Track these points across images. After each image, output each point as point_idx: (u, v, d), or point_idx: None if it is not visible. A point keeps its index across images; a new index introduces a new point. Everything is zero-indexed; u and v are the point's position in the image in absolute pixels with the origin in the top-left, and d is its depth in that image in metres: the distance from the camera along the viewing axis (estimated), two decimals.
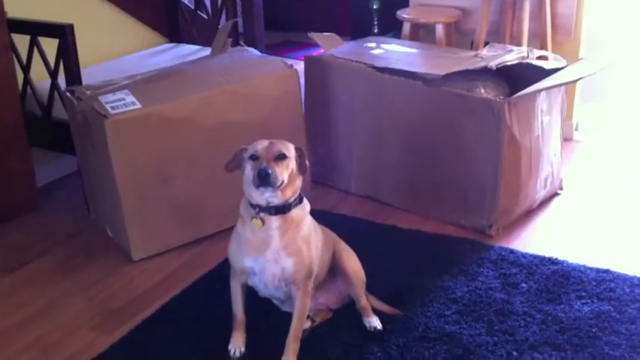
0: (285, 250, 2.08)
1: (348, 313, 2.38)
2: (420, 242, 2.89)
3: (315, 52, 3.39)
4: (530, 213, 3.10)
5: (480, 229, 2.94)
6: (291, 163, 2.05)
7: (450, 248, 2.84)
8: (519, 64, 2.99)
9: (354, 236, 2.60)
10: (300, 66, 3.26)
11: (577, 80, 2.89)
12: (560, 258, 2.74)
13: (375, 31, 4.37)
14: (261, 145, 2.04)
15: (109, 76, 3.28)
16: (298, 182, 2.10)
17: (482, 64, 2.91)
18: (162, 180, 2.77)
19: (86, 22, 3.71)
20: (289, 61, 3.09)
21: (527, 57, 3.01)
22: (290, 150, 2.07)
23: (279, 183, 1.99)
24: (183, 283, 2.66)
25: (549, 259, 2.73)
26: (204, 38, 4.07)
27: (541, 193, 3.13)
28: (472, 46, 3.79)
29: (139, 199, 2.75)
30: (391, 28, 4.08)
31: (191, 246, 2.90)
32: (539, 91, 2.80)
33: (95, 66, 3.62)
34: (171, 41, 4.14)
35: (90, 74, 3.30)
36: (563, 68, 2.98)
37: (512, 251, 2.80)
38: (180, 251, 2.88)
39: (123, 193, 2.71)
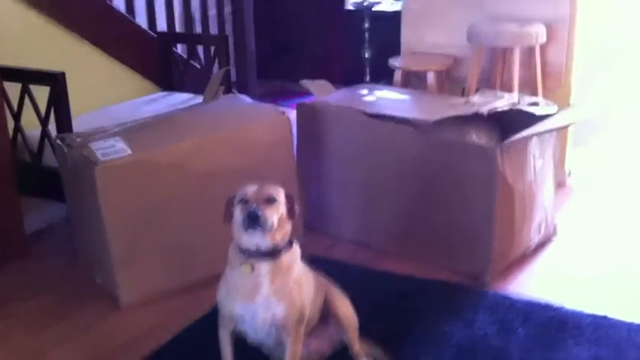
0: (276, 295, 2.03)
1: (341, 359, 2.33)
2: (414, 288, 2.84)
3: (307, 101, 3.38)
4: (525, 258, 3.07)
5: (474, 275, 2.90)
6: (281, 207, 2.03)
7: (444, 294, 2.79)
8: (510, 111, 3.00)
9: (348, 282, 2.53)
10: (292, 114, 3.27)
11: (568, 125, 2.90)
12: (557, 303, 2.69)
13: (367, 79, 4.41)
14: (251, 188, 2.02)
15: (101, 124, 3.29)
16: (288, 227, 2.07)
17: (473, 109, 2.92)
18: (151, 226, 2.74)
19: (78, 70, 3.73)
20: (281, 108, 3.08)
21: (519, 103, 3.02)
22: (279, 194, 2.05)
23: (268, 225, 1.96)
24: (172, 330, 2.59)
25: (545, 304, 2.69)
26: (196, 87, 4.08)
27: (535, 239, 3.10)
28: (463, 93, 3.82)
29: (128, 244, 2.71)
30: (383, 76, 4.11)
31: (181, 292, 2.85)
32: (532, 136, 2.81)
33: (87, 114, 3.62)
34: (164, 90, 4.16)
35: (81, 122, 3.30)
36: (554, 114, 2.99)
37: (507, 297, 2.76)
38: (171, 296, 2.82)
39: (112, 239, 2.67)
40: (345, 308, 2.30)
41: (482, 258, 2.88)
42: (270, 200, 1.99)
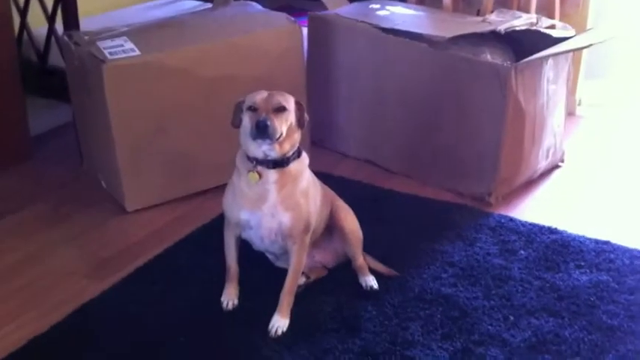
0: (283, 204, 2.03)
1: (344, 272, 2.35)
2: (418, 207, 2.85)
3: (319, 13, 3.30)
4: (530, 183, 3.06)
5: (479, 197, 2.89)
6: (290, 116, 1.99)
7: (448, 214, 2.79)
8: (527, 31, 2.94)
9: (352, 198, 2.53)
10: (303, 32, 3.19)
11: (586, 47, 2.84)
12: (560, 228, 2.70)
13: None
14: (260, 96, 1.98)
15: (109, 26, 3.22)
16: (297, 136, 2.04)
17: (490, 28, 2.85)
18: (157, 130, 2.71)
19: None
20: (292, 18, 3.01)
21: (537, 24, 2.95)
22: (289, 102, 2.01)
23: (277, 135, 1.93)
24: (177, 235, 2.61)
25: (549, 228, 2.69)
26: None
27: (542, 164, 3.08)
28: (478, 14, 3.72)
29: (135, 148, 2.69)
30: None
31: (186, 199, 2.85)
32: (548, 57, 2.75)
33: (93, 17, 3.54)
34: None
35: (89, 23, 3.22)
36: (571, 37, 2.93)
37: (511, 219, 2.75)
38: (175, 204, 2.83)
39: (118, 142, 2.65)
40: (350, 221, 2.31)
41: (488, 180, 2.86)
42: (280, 109, 1.96)
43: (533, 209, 2.88)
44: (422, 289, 2.31)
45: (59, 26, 3.02)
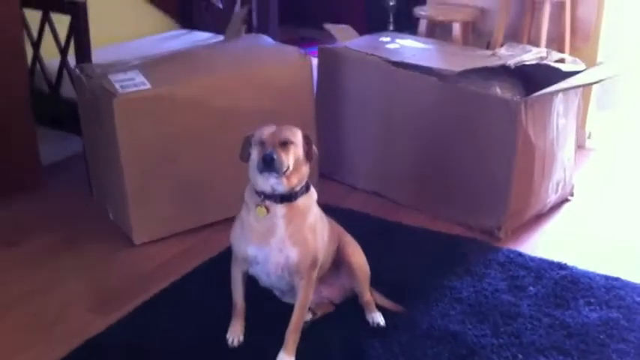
0: (291, 239, 2.02)
1: (351, 307, 2.33)
2: (427, 241, 2.84)
3: (329, 45, 3.32)
4: (540, 217, 3.05)
5: (488, 231, 2.88)
6: (298, 150, 1.99)
7: (457, 248, 2.78)
8: (537, 65, 2.94)
9: (360, 231, 2.53)
10: (313, 61, 3.21)
11: (596, 82, 2.83)
12: (570, 264, 2.68)
13: (391, 28, 4.33)
14: (268, 130, 1.98)
15: (121, 58, 3.25)
16: (305, 169, 2.04)
17: (500, 62, 2.86)
18: (168, 162, 2.72)
19: (100, 1, 3.67)
20: (303, 50, 3.03)
21: (547, 58, 2.95)
22: (297, 136, 2.01)
23: (284, 169, 1.94)
24: (184, 268, 2.61)
25: (558, 263, 2.67)
26: (217, 26, 4.01)
27: (552, 198, 3.07)
28: (488, 47, 3.74)
29: (144, 180, 2.70)
30: (407, 26, 4.04)
31: (194, 232, 2.86)
32: (558, 92, 2.75)
33: (106, 48, 3.57)
34: (185, 27, 4.09)
35: (101, 55, 3.25)
36: (581, 71, 2.93)
37: (520, 254, 2.74)
38: (183, 237, 2.83)
39: (127, 174, 2.66)
40: (357, 257, 2.30)
41: (498, 214, 2.85)
42: (287, 143, 1.96)
43: (543, 244, 2.87)
44: (430, 326, 2.29)
45: (71, 58, 3.04)
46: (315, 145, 2.10)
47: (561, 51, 3.65)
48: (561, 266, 2.66)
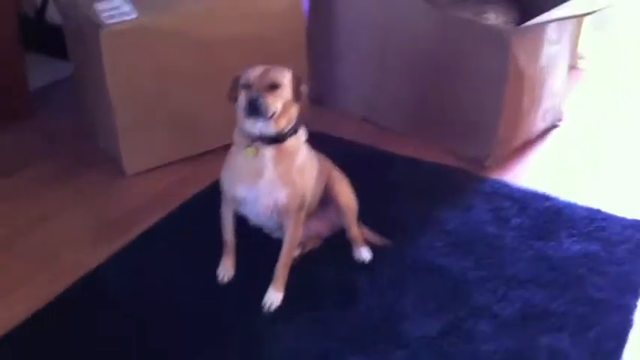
0: (279, 180, 2.05)
1: (339, 242, 2.38)
2: (416, 171, 2.87)
3: None
4: (527, 145, 3.08)
5: (477, 159, 2.92)
6: (285, 92, 1.98)
7: (445, 179, 2.83)
8: None
9: (350, 162, 2.57)
10: None
11: (592, 12, 2.79)
12: (554, 194, 2.73)
13: None
14: (254, 72, 1.97)
15: None
16: (293, 111, 2.04)
17: None
18: (157, 92, 2.72)
19: None
20: None
21: None
22: (285, 77, 2.00)
23: (270, 113, 1.94)
24: (176, 200, 2.64)
25: (542, 194, 2.72)
26: None
27: (541, 125, 3.10)
28: None
29: (132, 110, 2.70)
30: None
31: (185, 162, 2.88)
32: (550, 22, 2.72)
33: None
34: None
35: None
36: None
37: (506, 184, 2.79)
38: (175, 166, 2.86)
39: (116, 106, 2.66)
40: (345, 194, 2.33)
41: (486, 142, 2.89)
42: (274, 86, 1.96)
43: (529, 173, 2.91)
44: (416, 260, 2.36)
45: None
46: (305, 78, 2.06)
47: None
48: (546, 197, 2.71)
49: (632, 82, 3.72)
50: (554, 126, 3.23)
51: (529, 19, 2.77)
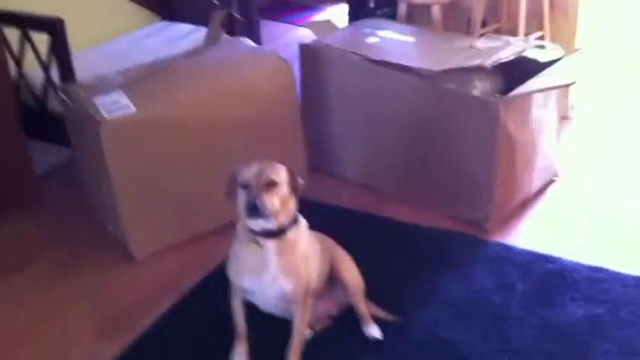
0: (283, 272, 2.10)
1: (348, 319, 2.42)
2: (416, 237, 2.91)
3: (310, 42, 3.32)
4: (525, 203, 3.12)
5: (476, 222, 2.96)
6: (283, 189, 2.04)
7: (446, 244, 2.87)
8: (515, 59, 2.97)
9: (351, 230, 2.65)
10: (297, 32, 3.16)
11: (571, 84, 2.87)
12: (555, 254, 2.76)
13: (372, 5, 4.32)
14: (251, 172, 2.02)
15: (102, 63, 3.28)
16: (292, 204, 2.10)
17: (477, 61, 2.89)
18: (159, 179, 2.77)
19: (78, 3, 3.66)
20: (283, 56, 3.04)
21: (524, 50, 2.98)
22: (280, 174, 2.05)
23: (269, 212, 1.99)
24: (186, 283, 2.68)
25: (544, 256, 2.76)
26: (196, 16, 3.99)
27: (536, 184, 3.15)
28: (469, 23, 3.75)
29: (137, 198, 2.76)
30: (387, 3, 4.03)
31: (192, 242, 2.92)
32: (533, 92, 2.79)
33: (87, 51, 3.57)
34: (164, 19, 4.07)
35: (82, 59, 3.27)
36: (560, 59, 2.97)
37: (507, 247, 2.82)
38: (181, 248, 2.89)
39: (120, 195, 2.71)
40: (350, 273, 2.37)
41: (484, 206, 2.93)
42: (271, 184, 2.01)
43: (529, 233, 2.95)
44: (423, 334, 2.38)
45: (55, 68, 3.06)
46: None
47: (541, 26, 3.68)
48: (547, 259, 2.75)
49: (624, 126, 3.77)
50: (550, 181, 3.27)
51: (515, 84, 2.84)
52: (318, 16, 5.85)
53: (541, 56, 2.99)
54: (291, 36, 5.34)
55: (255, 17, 4.21)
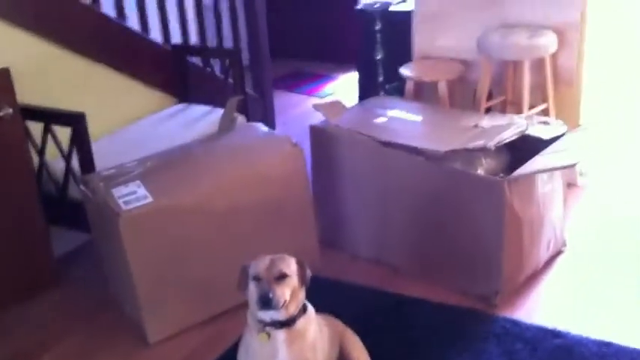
0: None
1: None
2: (425, 314, 2.96)
3: (319, 124, 3.44)
4: (534, 276, 3.17)
5: (485, 297, 3.01)
6: (293, 280, 2.14)
7: (455, 320, 2.92)
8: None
9: (362, 306, 2.69)
10: (308, 103, 3.20)
11: (574, 165, 2.95)
12: (563, 329, 2.81)
13: (380, 79, 4.46)
14: (263, 264, 2.13)
15: (121, 150, 3.41)
16: (301, 295, 2.19)
17: (481, 142, 2.98)
18: (175, 266, 2.87)
19: (97, 91, 3.83)
20: (294, 140, 3.16)
21: (526, 129, 3.08)
22: (291, 266, 2.15)
23: (281, 304, 2.09)
24: None
25: (552, 331, 2.80)
26: (213, 97, 4.15)
27: (544, 256, 3.20)
28: (474, 96, 3.86)
29: (154, 286, 2.85)
30: (396, 77, 4.16)
31: (205, 324, 3.00)
32: (536, 173, 2.87)
33: (107, 138, 3.73)
34: (181, 101, 4.24)
35: (102, 148, 3.42)
36: (562, 136, 3.07)
37: (516, 323, 2.87)
38: (196, 330, 2.97)
39: (138, 283, 2.81)
40: (359, 355, 2.44)
41: (492, 282, 2.99)
42: (282, 277, 2.11)
43: (538, 307, 2.99)
44: None
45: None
46: (306, 267, 2.22)
47: (545, 98, 3.78)
48: (555, 334, 2.79)
49: (633, 195, 3.83)
50: (559, 252, 3.33)
51: (521, 160, 2.94)
52: (330, 85, 6.03)
53: (544, 133, 3.09)
54: (304, 106, 5.52)
55: (268, 92, 4.36)
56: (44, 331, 3.05)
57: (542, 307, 3.00)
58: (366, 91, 4.61)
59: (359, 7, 4.96)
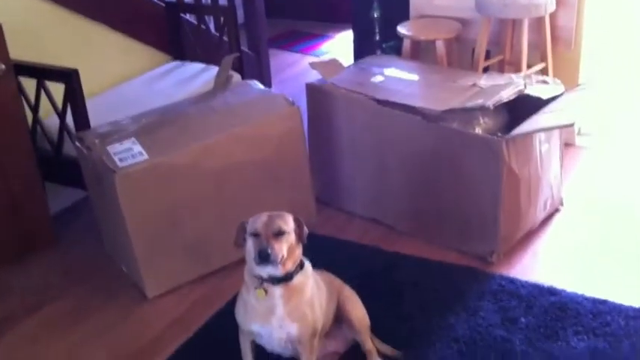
0: (290, 316, 2.18)
1: (355, 356, 2.49)
2: (421, 272, 2.98)
3: (316, 82, 3.41)
4: (530, 235, 3.18)
5: (481, 256, 3.03)
6: (291, 237, 2.14)
7: (451, 278, 2.93)
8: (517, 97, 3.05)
9: (358, 265, 2.70)
10: (305, 60, 3.17)
11: (571, 125, 2.93)
12: (559, 286, 2.83)
13: (377, 38, 4.40)
14: (261, 221, 2.12)
15: (116, 107, 3.39)
16: (298, 252, 2.19)
17: (480, 101, 2.96)
18: (171, 224, 2.87)
19: (92, 49, 3.79)
20: (291, 99, 3.14)
21: (525, 88, 3.05)
22: (289, 223, 2.15)
23: (278, 260, 2.09)
24: (197, 320, 2.78)
25: (548, 288, 2.82)
26: (207, 54, 4.11)
27: (541, 215, 3.21)
28: (473, 53, 3.83)
29: (151, 242, 2.85)
30: (393, 35, 4.10)
31: (202, 280, 3.01)
32: (533, 132, 2.86)
33: (101, 95, 3.70)
34: (176, 58, 4.19)
35: (96, 106, 3.39)
36: (561, 95, 3.05)
37: (512, 280, 2.89)
38: (193, 286, 2.99)
39: (134, 240, 2.81)
40: (357, 312, 2.45)
41: (489, 240, 3.00)
42: (280, 233, 2.11)
43: (534, 265, 3.01)
44: None
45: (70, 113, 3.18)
46: (304, 224, 2.22)
47: (544, 58, 3.75)
48: (551, 291, 2.81)
49: (631, 154, 3.82)
50: (555, 211, 3.33)
51: (518, 119, 2.92)
52: (326, 44, 5.98)
53: (543, 93, 3.06)
54: (300, 65, 5.47)
55: (264, 51, 4.31)
56: (42, 289, 3.06)
57: (538, 266, 3.01)
58: (363, 49, 4.55)
59: None
